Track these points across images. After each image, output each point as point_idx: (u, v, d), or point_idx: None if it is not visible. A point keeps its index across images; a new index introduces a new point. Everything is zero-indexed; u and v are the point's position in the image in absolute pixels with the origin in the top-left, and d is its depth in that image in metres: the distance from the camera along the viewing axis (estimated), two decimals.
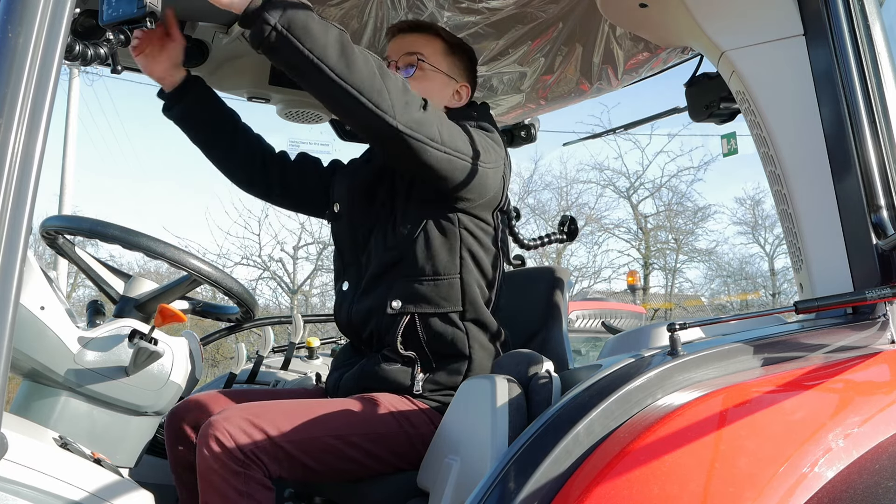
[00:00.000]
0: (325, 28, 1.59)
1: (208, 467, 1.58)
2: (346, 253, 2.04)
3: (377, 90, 1.63)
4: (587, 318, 8.23)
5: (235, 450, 1.58)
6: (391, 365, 1.85)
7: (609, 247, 23.91)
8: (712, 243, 23.65)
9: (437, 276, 1.86)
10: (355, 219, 2.01)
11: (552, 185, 23.25)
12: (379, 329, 1.89)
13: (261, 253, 20.68)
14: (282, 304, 21.21)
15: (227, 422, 1.60)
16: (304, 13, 1.57)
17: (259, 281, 20.72)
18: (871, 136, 1.45)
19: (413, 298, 1.85)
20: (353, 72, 1.60)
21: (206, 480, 1.59)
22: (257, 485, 1.60)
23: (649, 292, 22.07)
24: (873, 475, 1.15)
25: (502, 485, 1.19)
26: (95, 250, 14.88)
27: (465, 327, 1.87)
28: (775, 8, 1.58)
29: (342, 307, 2.00)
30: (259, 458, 1.60)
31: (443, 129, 1.75)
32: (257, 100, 2.61)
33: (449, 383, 1.85)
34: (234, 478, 1.57)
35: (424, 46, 2.02)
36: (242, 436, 1.59)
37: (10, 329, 0.89)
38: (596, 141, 14.50)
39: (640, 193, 22.79)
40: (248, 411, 1.65)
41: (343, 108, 1.66)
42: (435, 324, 1.85)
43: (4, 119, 0.91)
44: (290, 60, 1.59)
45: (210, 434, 1.59)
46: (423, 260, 1.86)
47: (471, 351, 1.86)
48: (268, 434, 1.62)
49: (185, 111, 2.05)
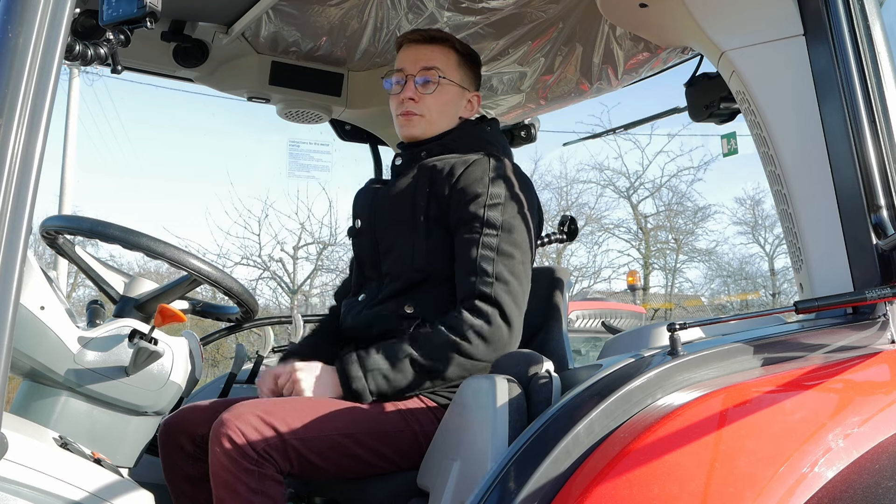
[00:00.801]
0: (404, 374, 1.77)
1: (221, 465, 1.59)
2: (366, 268, 2.04)
3: (468, 369, 1.78)
4: (587, 318, 8.24)
5: (248, 448, 1.59)
6: None
7: (609, 247, 23.90)
8: (712, 243, 23.60)
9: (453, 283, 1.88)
10: (377, 235, 2.01)
11: (552, 185, 23.20)
12: (388, 329, 1.88)
13: (261, 253, 20.67)
14: (282, 304, 21.21)
15: (238, 420, 1.61)
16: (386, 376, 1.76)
17: (259, 281, 20.72)
18: (871, 136, 1.45)
19: (428, 305, 1.87)
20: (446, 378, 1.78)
21: (220, 478, 1.60)
22: (270, 481, 1.61)
23: (649, 292, 22.06)
24: (873, 475, 1.15)
25: (502, 485, 1.19)
26: (95, 250, 14.88)
27: None
28: (775, 8, 1.58)
29: (350, 313, 2.00)
30: (271, 456, 1.61)
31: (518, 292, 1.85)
32: (257, 100, 2.61)
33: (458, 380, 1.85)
34: (247, 476, 1.58)
35: (440, 59, 2.01)
36: (254, 434, 1.60)
37: (10, 329, 0.89)
38: (596, 141, 14.52)
39: (640, 193, 22.79)
40: (259, 408, 1.65)
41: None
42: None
43: (4, 119, 0.91)
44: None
45: (222, 433, 1.60)
46: (446, 269, 1.88)
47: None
48: (279, 432, 1.63)
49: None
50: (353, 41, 2.44)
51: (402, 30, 2.31)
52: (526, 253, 1.89)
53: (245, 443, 1.58)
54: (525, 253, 1.88)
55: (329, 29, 2.35)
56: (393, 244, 1.95)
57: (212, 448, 1.61)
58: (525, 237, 1.89)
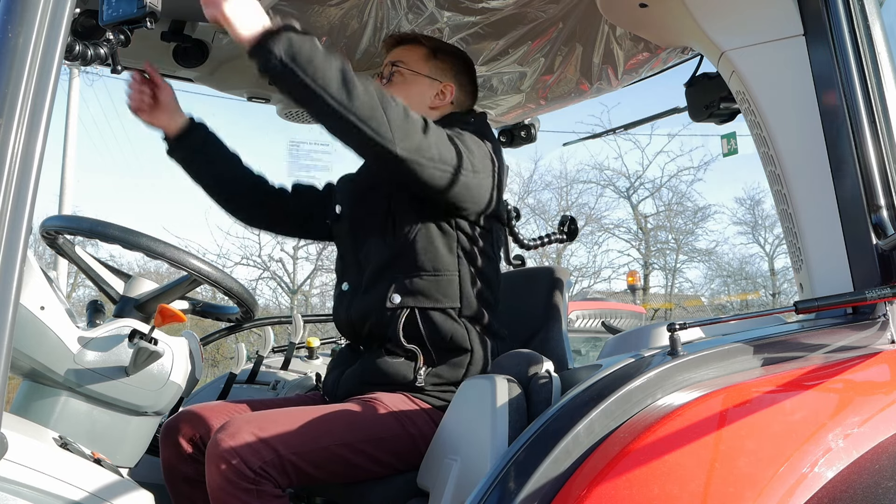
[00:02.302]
0: (327, 59, 1.66)
1: (218, 486, 1.58)
2: (347, 254, 2.06)
3: (377, 119, 1.69)
4: (587, 318, 8.23)
5: (244, 467, 1.58)
6: (394, 359, 1.87)
7: (609, 247, 23.93)
8: (712, 243, 23.62)
9: (436, 273, 1.89)
10: (356, 220, 2.03)
11: (552, 185, 23.25)
12: (379, 325, 1.89)
13: (261, 253, 20.69)
14: (282, 304, 21.22)
15: (233, 439, 1.60)
16: (308, 45, 1.65)
17: (259, 281, 20.74)
18: (871, 136, 1.45)
19: (412, 293, 1.88)
20: (354, 101, 1.66)
21: (218, 499, 1.59)
22: (269, 497, 1.60)
23: (649, 292, 22.06)
24: (873, 475, 1.15)
25: (502, 485, 1.19)
26: (95, 250, 14.87)
27: (464, 324, 1.89)
28: (775, 8, 1.58)
29: (341, 307, 2.01)
30: (268, 473, 1.60)
31: (442, 149, 1.80)
32: (257, 100, 2.61)
33: (451, 377, 1.86)
34: (245, 495, 1.58)
35: (406, 55, 2.12)
36: (250, 452, 1.59)
37: (10, 329, 0.89)
38: (596, 141, 14.50)
39: (640, 193, 22.81)
40: (254, 425, 1.65)
41: (345, 134, 1.73)
42: (435, 317, 1.87)
43: (4, 119, 0.91)
44: (293, 90, 1.67)
45: (217, 453, 1.59)
46: (422, 255, 1.89)
47: (471, 345, 1.88)
48: (275, 448, 1.62)
49: (189, 154, 2.12)
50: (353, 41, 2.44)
51: (402, 30, 2.31)
52: (472, 153, 1.87)
53: (241, 462, 1.58)
54: (471, 153, 1.87)
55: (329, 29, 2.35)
56: (371, 229, 1.97)
57: (208, 468, 1.61)
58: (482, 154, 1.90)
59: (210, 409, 1.91)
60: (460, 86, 2.15)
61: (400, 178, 1.83)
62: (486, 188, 1.92)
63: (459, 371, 1.86)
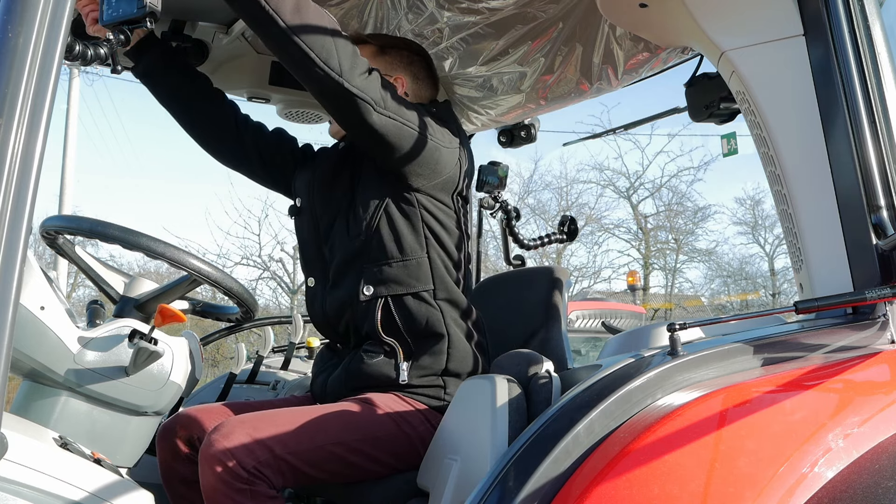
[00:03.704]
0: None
1: (213, 487, 1.58)
2: (309, 247, 2.05)
3: (327, 48, 1.69)
4: (587, 318, 8.22)
5: (238, 468, 1.57)
6: (374, 359, 1.86)
7: (609, 247, 23.91)
8: (712, 243, 23.62)
9: (405, 257, 1.88)
10: (317, 211, 2.02)
11: (552, 185, 23.22)
12: (355, 319, 1.89)
13: (261, 253, 20.66)
14: (282, 304, 21.20)
15: (226, 439, 1.60)
16: None
17: (259, 281, 20.71)
18: (871, 136, 1.45)
19: (384, 282, 1.87)
20: (306, 27, 1.66)
21: (212, 499, 1.59)
22: (263, 497, 1.60)
23: (649, 292, 22.05)
24: (873, 475, 1.15)
25: (502, 485, 1.19)
26: (95, 250, 14.89)
27: (439, 305, 1.89)
28: (775, 8, 1.58)
29: (314, 304, 2.01)
30: (262, 473, 1.60)
31: (388, 97, 1.81)
32: (257, 100, 2.61)
33: (433, 367, 1.86)
34: (239, 495, 1.57)
35: None
36: (244, 452, 1.59)
37: (10, 329, 0.89)
38: (596, 141, 14.50)
39: (640, 193, 22.79)
40: (248, 425, 1.65)
41: (294, 62, 1.71)
42: (409, 303, 1.87)
43: (4, 119, 0.91)
44: (246, 10, 1.66)
45: (212, 454, 1.59)
46: (388, 242, 1.88)
47: (447, 329, 1.88)
48: (269, 448, 1.62)
49: (150, 66, 2.05)
50: None
51: (402, 30, 2.31)
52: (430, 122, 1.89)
53: (235, 463, 1.57)
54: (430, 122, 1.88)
55: None
56: (333, 220, 1.97)
57: (202, 468, 1.61)
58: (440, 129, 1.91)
59: (205, 411, 1.91)
60: (414, 77, 2.14)
61: (351, 121, 1.80)
62: (446, 157, 1.92)
63: (441, 359, 1.86)
